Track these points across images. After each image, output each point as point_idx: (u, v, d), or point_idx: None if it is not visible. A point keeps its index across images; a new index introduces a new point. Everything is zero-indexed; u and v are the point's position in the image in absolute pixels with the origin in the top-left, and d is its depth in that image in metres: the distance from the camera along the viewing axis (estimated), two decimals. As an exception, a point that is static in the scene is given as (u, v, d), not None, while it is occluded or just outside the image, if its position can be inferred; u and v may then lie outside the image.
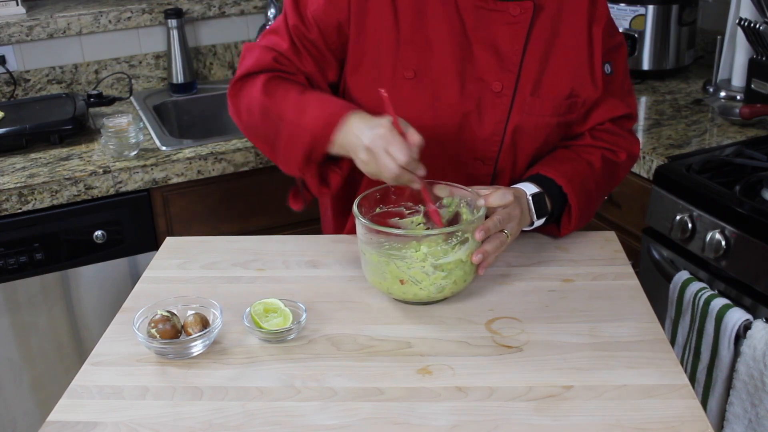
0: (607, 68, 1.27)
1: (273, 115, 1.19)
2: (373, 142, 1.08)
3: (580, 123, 1.29)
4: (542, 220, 1.23)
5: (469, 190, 1.16)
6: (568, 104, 1.25)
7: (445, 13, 1.19)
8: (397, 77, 1.20)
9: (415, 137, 1.08)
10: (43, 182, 1.74)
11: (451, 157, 1.24)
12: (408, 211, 1.22)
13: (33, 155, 1.88)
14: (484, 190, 1.15)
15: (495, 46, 1.20)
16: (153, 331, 1.04)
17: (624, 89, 1.33)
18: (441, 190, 1.18)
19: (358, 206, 1.13)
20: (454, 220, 1.19)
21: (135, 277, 1.87)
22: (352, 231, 1.31)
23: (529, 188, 1.21)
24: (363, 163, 1.11)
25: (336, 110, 1.14)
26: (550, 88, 1.22)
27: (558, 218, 1.27)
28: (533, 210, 1.20)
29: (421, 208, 1.21)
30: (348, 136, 1.12)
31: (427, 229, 1.19)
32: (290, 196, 1.30)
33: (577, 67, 1.24)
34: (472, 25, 1.19)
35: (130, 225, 1.85)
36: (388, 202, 1.20)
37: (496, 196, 1.13)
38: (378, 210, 1.19)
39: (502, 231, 1.13)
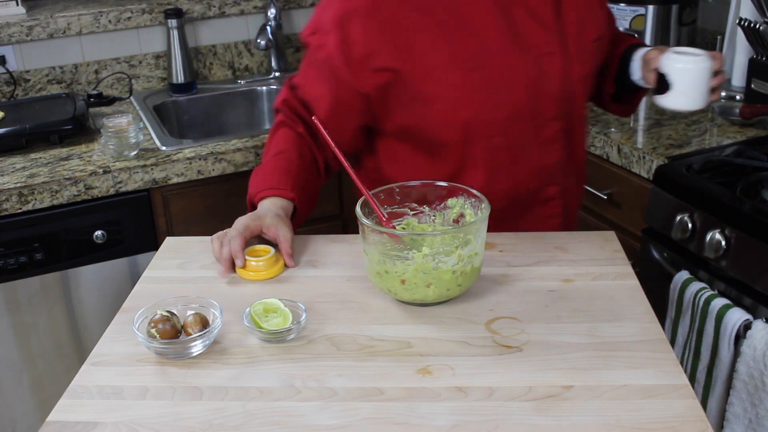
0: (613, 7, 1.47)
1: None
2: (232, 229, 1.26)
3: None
4: None
5: (475, 191, 1.17)
6: (599, 45, 1.36)
7: (478, 1, 1.25)
8: (463, 71, 1.24)
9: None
10: (43, 182, 1.74)
11: (530, 119, 1.29)
12: (412, 212, 1.22)
13: (33, 155, 1.88)
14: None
15: (533, 13, 1.26)
16: (153, 331, 1.04)
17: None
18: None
19: (362, 206, 1.13)
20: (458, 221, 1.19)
21: (135, 277, 1.87)
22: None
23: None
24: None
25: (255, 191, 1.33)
26: (585, 36, 1.32)
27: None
28: None
29: (426, 208, 1.22)
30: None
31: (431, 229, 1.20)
32: None
33: (596, 10, 1.36)
34: (505, 2, 1.25)
35: (130, 225, 1.85)
36: (392, 202, 1.20)
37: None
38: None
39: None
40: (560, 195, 1.38)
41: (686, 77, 1.30)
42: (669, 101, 1.33)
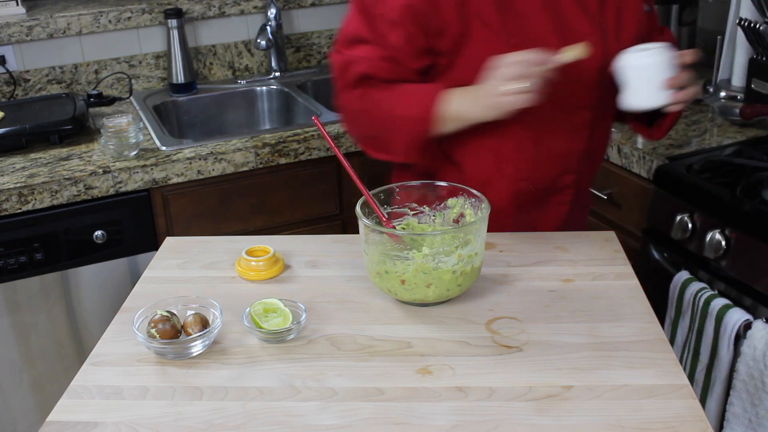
0: (646, 7, 1.37)
1: (377, 118, 1.29)
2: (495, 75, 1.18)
3: None
4: None
5: (475, 191, 1.17)
6: (638, 43, 1.33)
7: None
8: (506, 47, 1.23)
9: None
10: (43, 182, 1.74)
11: (561, 104, 1.29)
12: (412, 212, 1.22)
13: (33, 155, 1.88)
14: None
15: (581, 5, 1.27)
16: (153, 331, 1.04)
17: (659, 24, 1.48)
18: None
19: (362, 206, 1.13)
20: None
21: (135, 277, 1.87)
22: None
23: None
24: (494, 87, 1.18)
25: (428, 97, 1.24)
26: (626, 31, 1.31)
27: None
28: None
29: (426, 208, 1.22)
30: (460, 101, 1.23)
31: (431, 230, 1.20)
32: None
33: (636, 6, 1.34)
34: None
35: (130, 225, 1.85)
36: (392, 202, 1.20)
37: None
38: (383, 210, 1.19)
39: None
40: (574, 184, 1.38)
41: (632, 74, 1.23)
42: (622, 101, 1.27)
